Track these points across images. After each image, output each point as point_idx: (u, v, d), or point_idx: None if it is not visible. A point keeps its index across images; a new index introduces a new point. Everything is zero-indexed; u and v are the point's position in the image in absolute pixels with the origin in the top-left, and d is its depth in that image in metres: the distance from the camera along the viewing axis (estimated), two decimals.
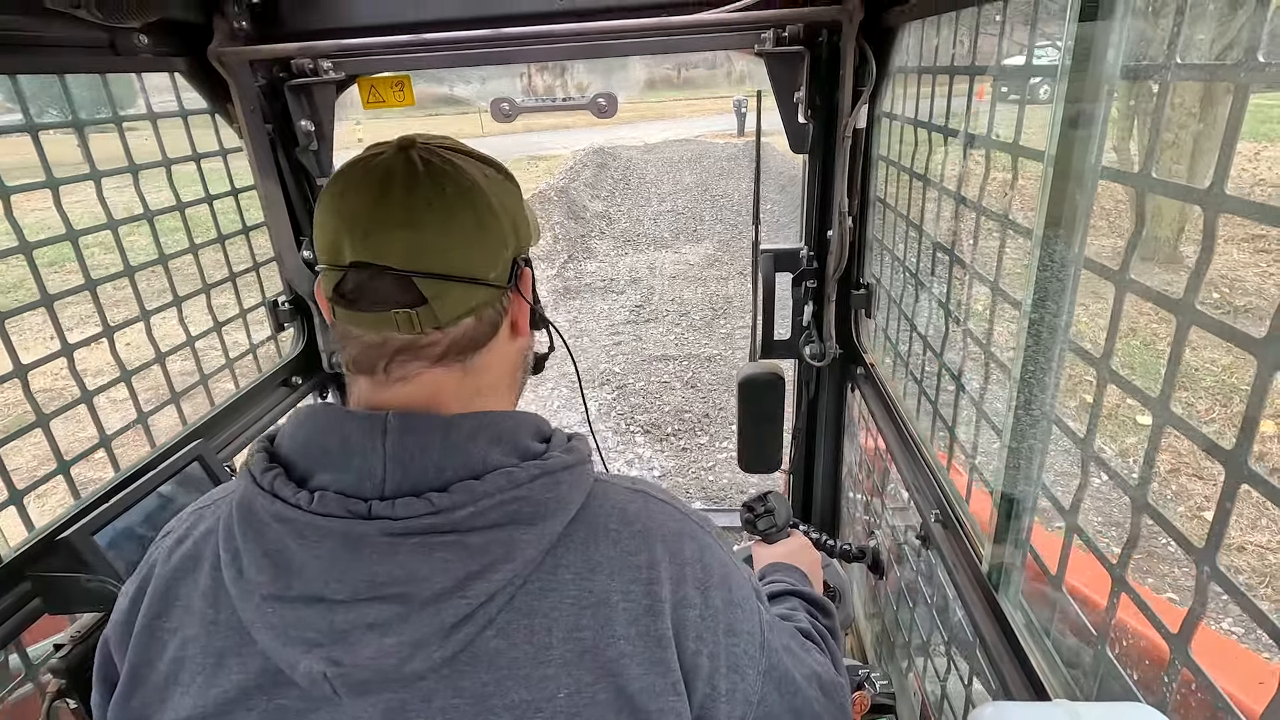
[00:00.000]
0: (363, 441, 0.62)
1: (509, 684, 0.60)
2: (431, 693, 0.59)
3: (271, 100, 1.77)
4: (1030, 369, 0.99)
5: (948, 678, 1.37)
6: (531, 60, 1.75)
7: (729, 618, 0.69)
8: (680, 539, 0.68)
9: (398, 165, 0.66)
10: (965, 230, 1.25)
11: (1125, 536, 0.81)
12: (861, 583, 2.21)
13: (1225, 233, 7.52)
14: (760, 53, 1.67)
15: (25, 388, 1.24)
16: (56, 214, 1.32)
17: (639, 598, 0.63)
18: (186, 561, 0.67)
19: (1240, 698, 0.66)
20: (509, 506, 0.60)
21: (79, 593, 1.17)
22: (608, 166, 14.49)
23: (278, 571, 0.59)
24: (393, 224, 0.63)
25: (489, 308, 0.69)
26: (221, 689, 0.62)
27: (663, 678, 0.63)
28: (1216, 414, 5.22)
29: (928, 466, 1.43)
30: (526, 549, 0.61)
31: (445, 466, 0.61)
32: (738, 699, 0.68)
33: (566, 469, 0.65)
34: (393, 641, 0.57)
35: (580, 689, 0.60)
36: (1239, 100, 0.61)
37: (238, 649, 0.62)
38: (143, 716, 0.66)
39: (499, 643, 0.60)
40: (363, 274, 0.64)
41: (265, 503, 0.61)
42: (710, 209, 11.81)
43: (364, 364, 0.68)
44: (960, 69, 1.22)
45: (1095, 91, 0.83)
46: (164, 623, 0.66)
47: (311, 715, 0.61)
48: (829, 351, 1.95)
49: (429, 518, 0.59)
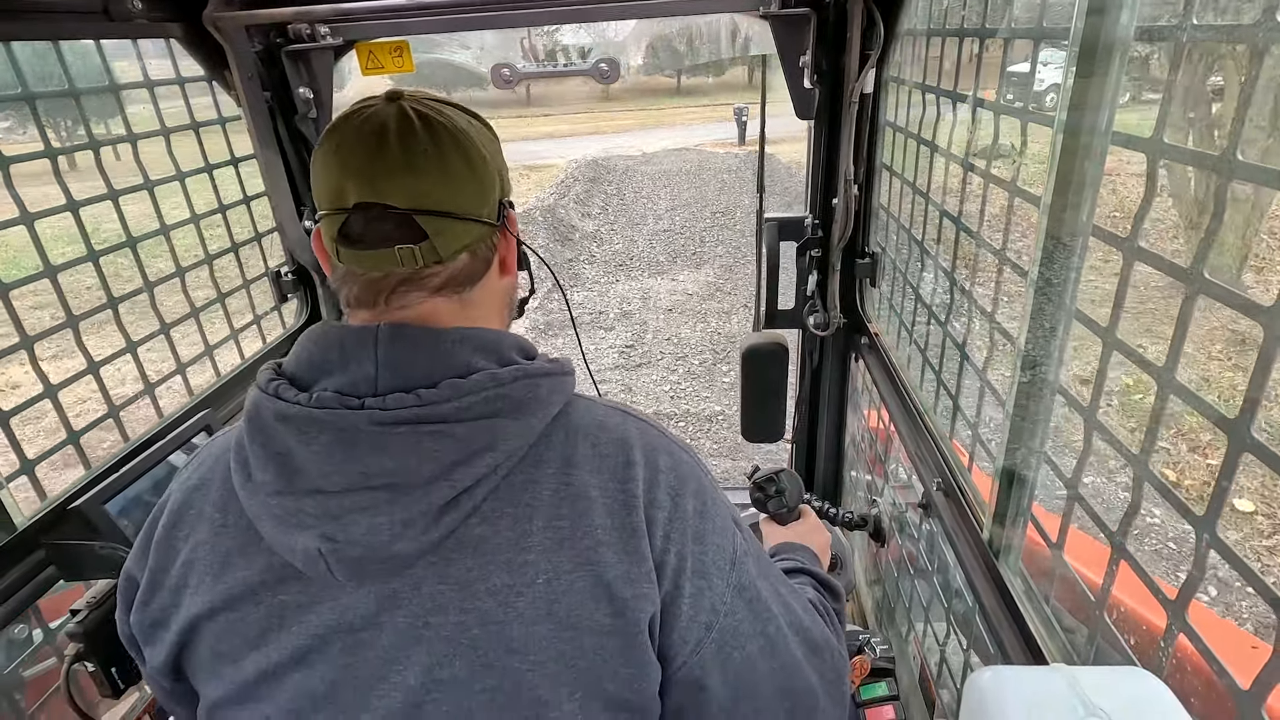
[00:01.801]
0: (357, 349, 0.66)
1: (491, 569, 0.64)
2: (420, 580, 0.64)
3: (269, 67, 1.74)
4: (1035, 338, 0.98)
5: (947, 643, 1.39)
6: (532, 24, 1.72)
7: (699, 525, 0.71)
8: (655, 451, 0.73)
9: (391, 116, 0.69)
10: (972, 198, 1.23)
11: (1126, 504, 0.81)
12: (863, 550, 2.24)
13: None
14: (765, 15, 1.63)
15: (32, 360, 1.25)
16: (56, 185, 1.32)
17: (615, 493, 0.68)
18: (200, 478, 0.73)
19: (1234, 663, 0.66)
20: (492, 402, 0.65)
21: (92, 560, 1.19)
22: (601, 180, 13.70)
23: (281, 470, 0.64)
24: (394, 169, 0.67)
25: (482, 243, 0.74)
26: (227, 585, 0.67)
27: (637, 566, 0.66)
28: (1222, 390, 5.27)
29: (930, 435, 1.43)
30: (509, 440, 0.65)
31: (433, 369, 0.66)
32: (702, 604, 0.70)
33: (546, 375, 0.69)
34: (383, 520, 0.62)
35: (559, 575, 0.65)
36: (1255, 62, 0.59)
37: (243, 548, 0.68)
38: (158, 620, 0.72)
39: (483, 529, 0.65)
40: (367, 214, 0.68)
41: (269, 404, 0.66)
42: (710, 228, 10.72)
43: (365, 299, 0.71)
44: (970, 31, 1.20)
45: (1107, 54, 0.81)
46: (178, 532, 0.72)
47: (312, 608, 0.66)
48: (833, 321, 1.94)
49: (415, 409, 0.63)
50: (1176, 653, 0.74)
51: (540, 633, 0.64)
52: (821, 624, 0.85)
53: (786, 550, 1.11)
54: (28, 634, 1.22)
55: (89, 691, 1.20)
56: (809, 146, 1.87)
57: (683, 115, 23.25)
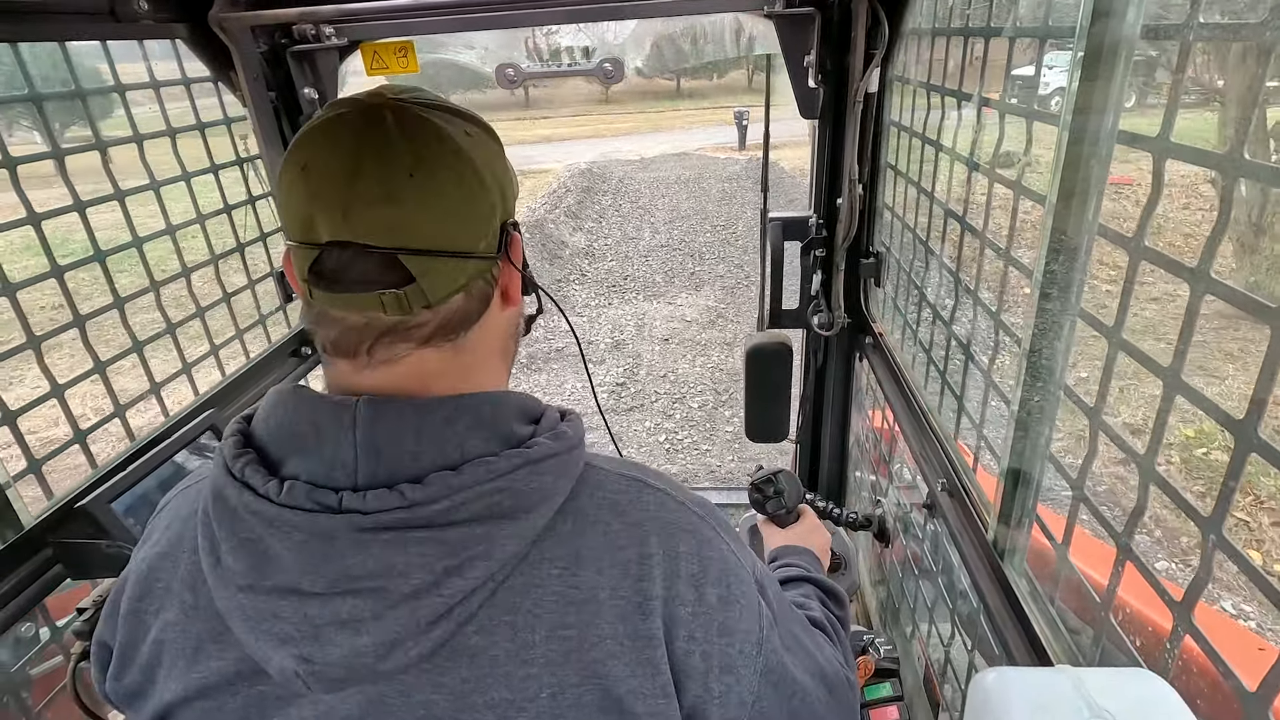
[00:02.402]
0: (333, 429, 0.58)
1: (489, 681, 0.57)
2: (411, 687, 0.57)
3: (274, 68, 1.75)
4: (1040, 338, 0.98)
5: (951, 643, 1.39)
6: (537, 23, 1.72)
7: (724, 616, 0.65)
8: (676, 532, 0.65)
9: (369, 129, 0.59)
10: (977, 197, 1.23)
11: (1132, 505, 0.81)
12: (867, 550, 2.23)
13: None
14: (770, 14, 1.63)
15: (39, 359, 1.25)
16: (52, 187, 1.32)
17: (628, 594, 0.60)
18: (168, 544, 0.66)
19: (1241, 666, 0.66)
20: (488, 499, 0.57)
21: (99, 558, 1.20)
22: (595, 190, 12.99)
23: (254, 561, 0.57)
24: (371, 199, 0.57)
25: (480, 279, 0.64)
26: (201, 675, 0.61)
27: (651, 680, 0.60)
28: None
29: (935, 436, 1.43)
30: (507, 545, 0.57)
31: (420, 455, 0.58)
32: (731, 701, 0.64)
33: (552, 457, 0.60)
34: (367, 641, 0.55)
35: (564, 689, 0.58)
36: (1263, 61, 0.59)
37: (215, 637, 0.61)
38: (135, 692, 0.67)
39: (479, 640, 0.57)
40: (343, 254, 0.58)
41: (235, 493, 0.58)
42: (711, 244, 9.98)
43: (344, 347, 0.62)
44: (975, 30, 1.19)
45: (1113, 53, 0.81)
46: (147, 605, 0.65)
47: (294, 702, 0.59)
48: (837, 321, 1.94)
49: (401, 512, 0.55)
50: (1182, 654, 0.74)
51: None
52: (836, 661, 0.82)
53: (786, 554, 1.10)
54: (34, 632, 1.23)
55: (95, 689, 1.21)
56: (813, 146, 1.87)
57: (682, 118, 23.08)
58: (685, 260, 9.39)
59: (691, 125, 21.26)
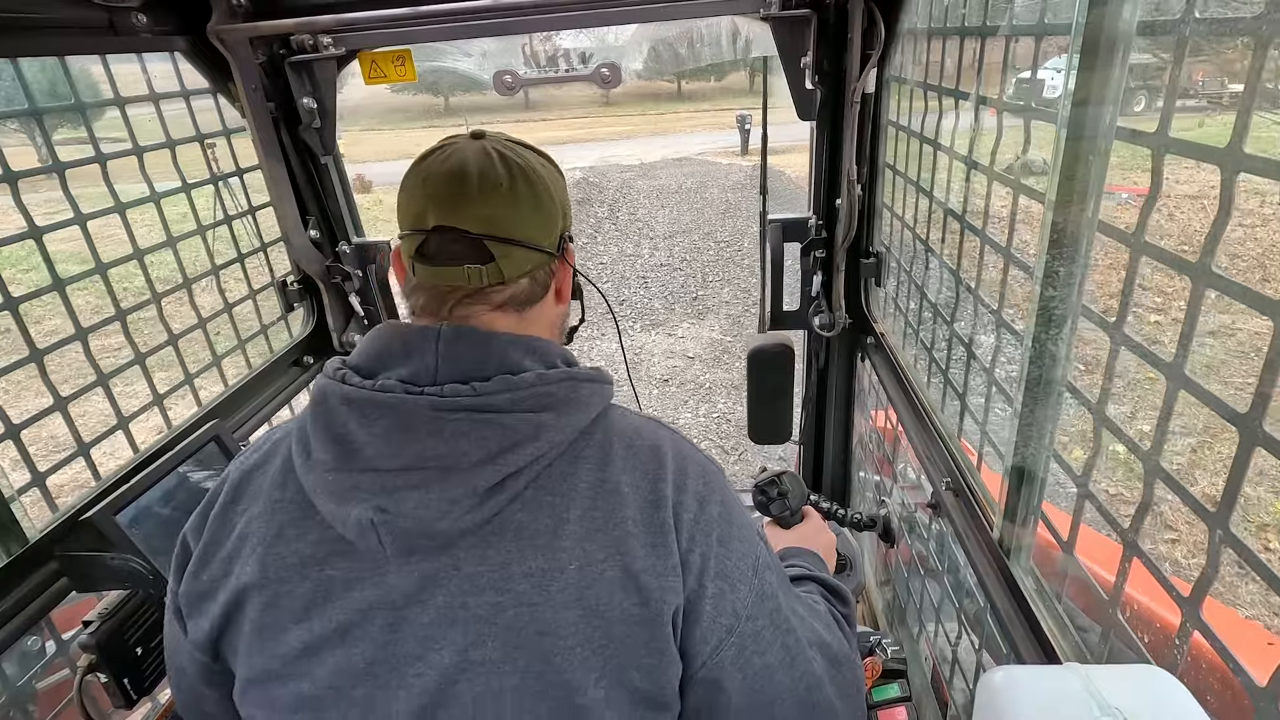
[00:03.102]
0: (420, 343, 0.73)
1: (528, 553, 0.68)
2: (460, 561, 0.69)
3: (273, 78, 1.75)
4: (1042, 336, 0.98)
5: (959, 643, 1.39)
6: (533, 30, 1.72)
7: (724, 530, 0.75)
8: (686, 460, 0.78)
9: (473, 153, 0.78)
10: (976, 196, 1.23)
11: (1138, 502, 0.81)
12: (872, 551, 2.23)
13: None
14: (766, 17, 1.63)
15: (42, 372, 1.25)
16: (64, 200, 1.33)
17: (646, 491, 0.73)
18: (261, 458, 0.79)
19: (1250, 661, 0.66)
20: (539, 399, 0.71)
21: (104, 571, 1.20)
22: (591, 201, 12.35)
23: (340, 449, 0.69)
24: (471, 199, 0.76)
25: (542, 269, 0.81)
26: (278, 555, 0.71)
27: (663, 560, 0.70)
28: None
29: (938, 435, 1.43)
30: (552, 433, 0.70)
31: (487, 365, 0.72)
32: (724, 606, 0.73)
33: (590, 381, 0.76)
34: (433, 496, 0.66)
35: (590, 563, 0.69)
36: (1259, 55, 0.59)
37: (297, 522, 0.72)
38: (207, 591, 0.75)
39: (523, 515, 0.69)
40: (444, 237, 0.76)
41: (335, 388, 0.72)
42: (715, 262, 9.23)
43: (431, 307, 0.79)
44: (971, 30, 1.19)
45: (1110, 50, 0.81)
46: (235, 506, 0.77)
47: (357, 584, 0.70)
48: (838, 321, 1.94)
49: (471, 398, 0.69)
50: (1192, 650, 0.73)
51: (570, 618, 0.67)
52: (841, 636, 0.88)
53: (791, 555, 1.11)
54: (40, 645, 1.23)
55: (102, 702, 1.21)
56: (811, 147, 1.87)
57: (684, 121, 22.93)
58: (687, 281, 8.79)
59: (693, 129, 21.07)
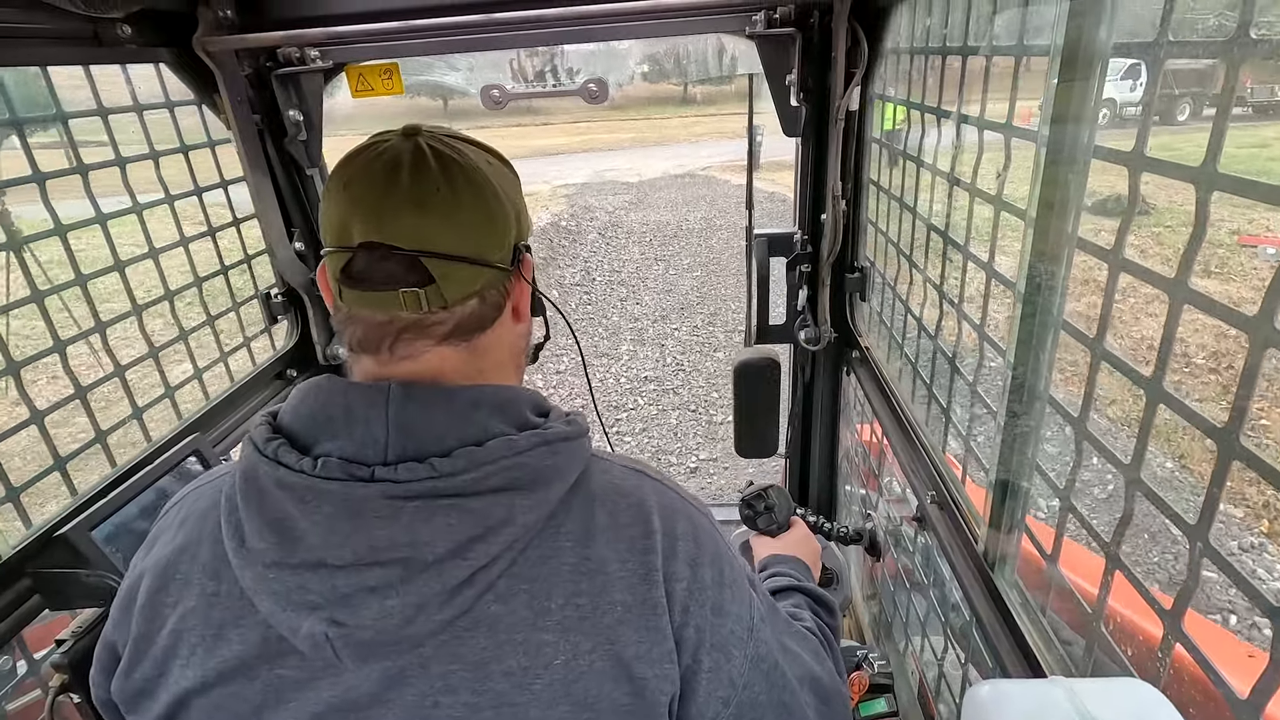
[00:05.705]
0: (366, 410, 0.63)
1: (507, 650, 0.61)
2: (429, 659, 0.61)
3: (259, 90, 1.75)
4: (1024, 351, 0.99)
5: (945, 657, 1.39)
6: (520, 45, 1.73)
7: (717, 597, 0.69)
8: (674, 515, 0.70)
9: (405, 152, 0.67)
10: (959, 212, 1.25)
11: (1119, 515, 0.82)
12: (859, 565, 2.23)
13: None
14: (751, 35, 1.65)
15: (19, 384, 1.23)
16: (44, 210, 1.31)
17: (635, 566, 0.65)
18: (186, 538, 0.68)
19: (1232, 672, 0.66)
20: (509, 473, 0.62)
21: (79, 588, 1.17)
22: (578, 235, 9.76)
23: (280, 539, 0.60)
24: (401, 207, 0.65)
25: (493, 289, 0.70)
26: (222, 659, 0.63)
27: (658, 645, 0.64)
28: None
29: (923, 449, 1.44)
30: (526, 514, 0.62)
31: (447, 434, 0.63)
32: (721, 679, 0.68)
33: (564, 440, 0.66)
34: (395, 603, 0.58)
35: (578, 655, 0.62)
36: (1231, 76, 0.60)
37: (237, 620, 0.64)
38: (143, 690, 0.67)
39: (498, 608, 0.61)
40: (371, 255, 0.65)
41: (268, 469, 0.62)
42: (729, 337, 6.60)
43: (369, 343, 0.68)
44: (952, 49, 1.22)
45: (1088, 69, 0.83)
46: (164, 598, 0.67)
47: (311, 684, 0.62)
48: (824, 336, 1.95)
49: (430, 481, 0.60)
50: (1174, 662, 0.74)
51: (558, 715, 0.61)
52: (830, 667, 0.84)
53: (776, 563, 1.11)
54: (11, 665, 1.20)
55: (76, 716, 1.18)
56: (796, 163, 1.89)
57: (689, 129, 21.72)
58: (688, 421, 5.26)
59: (699, 136, 19.90)
